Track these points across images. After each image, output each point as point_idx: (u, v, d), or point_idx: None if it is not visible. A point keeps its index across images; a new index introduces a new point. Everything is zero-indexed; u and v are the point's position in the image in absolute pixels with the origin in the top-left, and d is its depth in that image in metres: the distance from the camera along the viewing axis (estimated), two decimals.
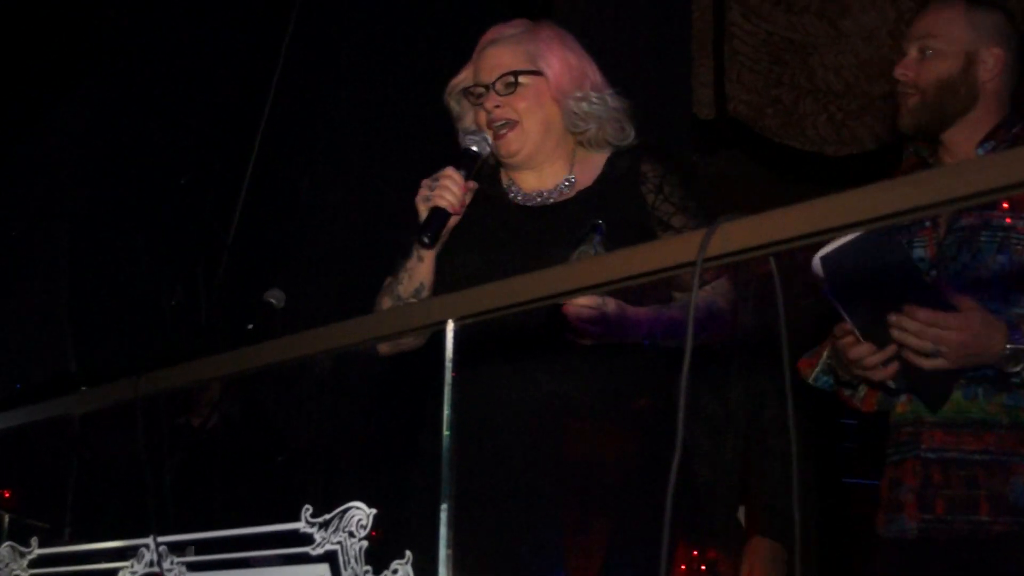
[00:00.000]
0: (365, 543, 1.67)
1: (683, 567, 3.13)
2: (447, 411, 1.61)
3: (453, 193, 2.38)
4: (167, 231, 4.94)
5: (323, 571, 1.71)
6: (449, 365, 1.61)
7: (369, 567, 1.66)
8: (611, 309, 2.26)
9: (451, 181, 2.39)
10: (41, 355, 5.19)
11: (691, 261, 1.35)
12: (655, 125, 4.01)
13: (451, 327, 1.61)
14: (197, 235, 4.87)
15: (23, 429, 2.36)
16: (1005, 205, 2.29)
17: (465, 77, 2.55)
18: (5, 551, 2.31)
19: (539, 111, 2.47)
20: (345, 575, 1.69)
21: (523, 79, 2.45)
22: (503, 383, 2.36)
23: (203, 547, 1.94)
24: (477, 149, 2.46)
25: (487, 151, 2.47)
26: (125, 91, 5.18)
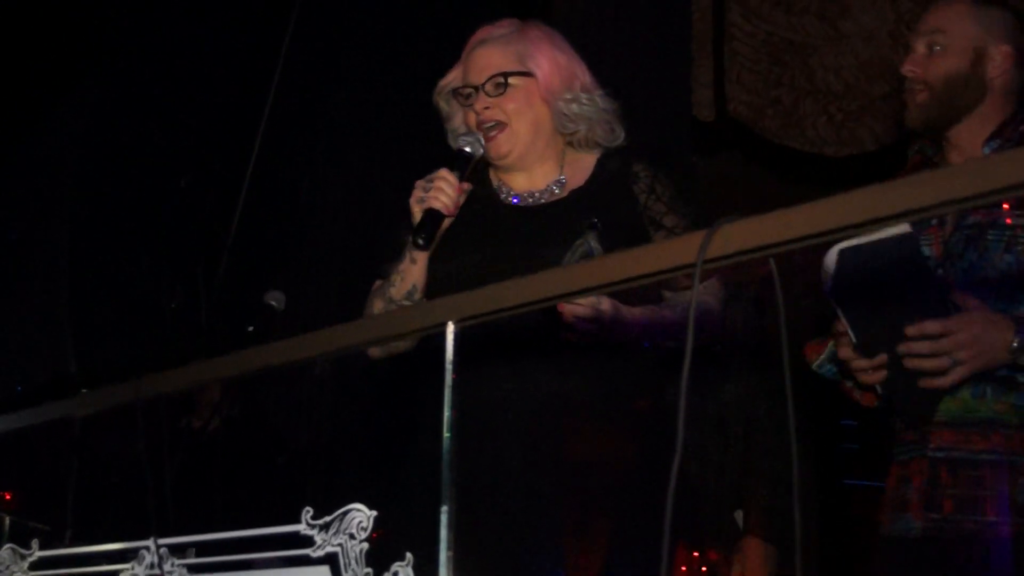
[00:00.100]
0: (366, 545, 1.67)
1: (684, 568, 3.13)
2: (447, 413, 1.61)
3: (447, 194, 2.38)
4: (167, 232, 4.93)
5: (324, 573, 1.71)
6: (449, 367, 1.61)
7: (370, 569, 1.66)
8: (606, 308, 2.27)
9: (445, 182, 2.38)
10: (41, 357, 5.19)
11: (691, 263, 1.35)
12: (655, 126, 4.02)
13: (451, 329, 1.60)
14: (197, 236, 4.87)
15: (24, 431, 2.36)
16: (1006, 206, 2.29)
17: (454, 78, 2.55)
18: (6, 553, 2.30)
19: (529, 112, 2.46)
20: None
21: (513, 80, 2.45)
22: (502, 384, 2.36)
23: (204, 549, 1.94)
24: (471, 150, 2.45)
25: (480, 152, 2.47)
26: (125, 91, 5.17)
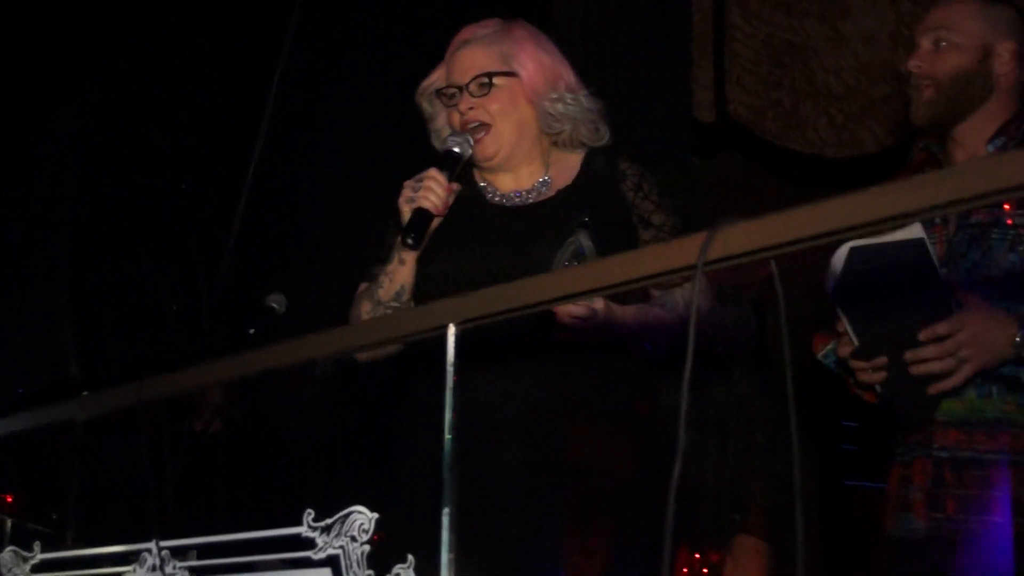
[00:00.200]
0: (367, 547, 1.67)
1: (685, 570, 3.13)
2: (448, 415, 1.61)
3: (437, 194, 2.37)
4: (168, 234, 4.93)
5: (325, 575, 1.71)
6: (450, 369, 1.61)
7: (371, 571, 1.66)
8: (599, 307, 2.27)
9: (435, 182, 2.38)
10: (42, 360, 5.18)
11: (692, 264, 1.35)
12: (655, 128, 4.02)
13: (452, 331, 1.61)
14: (198, 238, 4.87)
15: (25, 434, 2.36)
16: (1007, 206, 2.29)
17: (438, 78, 2.54)
18: (8, 556, 2.30)
19: (513, 112, 2.46)
20: None
21: (497, 80, 2.44)
22: (499, 385, 2.35)
23: (205, 552, 1.94)
24: (459, 151, 2.44)
25: (469, 153, 2.46)
26: (126, 92, 5.17)
